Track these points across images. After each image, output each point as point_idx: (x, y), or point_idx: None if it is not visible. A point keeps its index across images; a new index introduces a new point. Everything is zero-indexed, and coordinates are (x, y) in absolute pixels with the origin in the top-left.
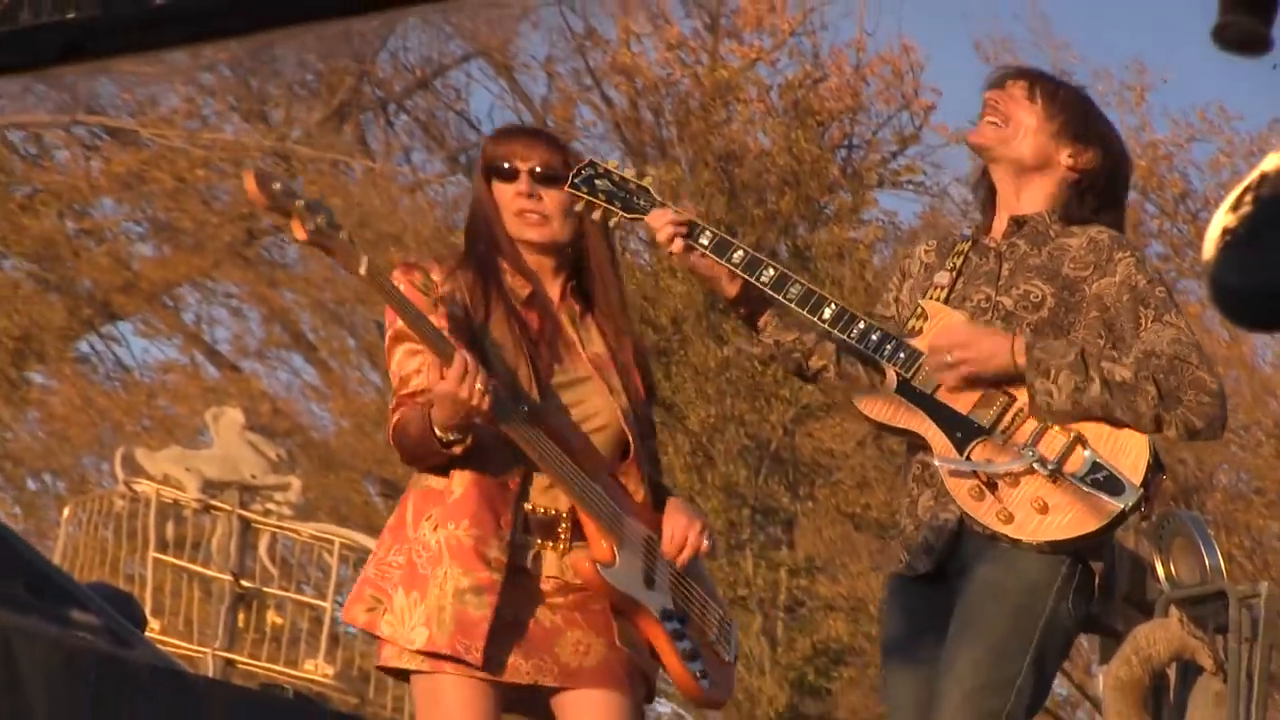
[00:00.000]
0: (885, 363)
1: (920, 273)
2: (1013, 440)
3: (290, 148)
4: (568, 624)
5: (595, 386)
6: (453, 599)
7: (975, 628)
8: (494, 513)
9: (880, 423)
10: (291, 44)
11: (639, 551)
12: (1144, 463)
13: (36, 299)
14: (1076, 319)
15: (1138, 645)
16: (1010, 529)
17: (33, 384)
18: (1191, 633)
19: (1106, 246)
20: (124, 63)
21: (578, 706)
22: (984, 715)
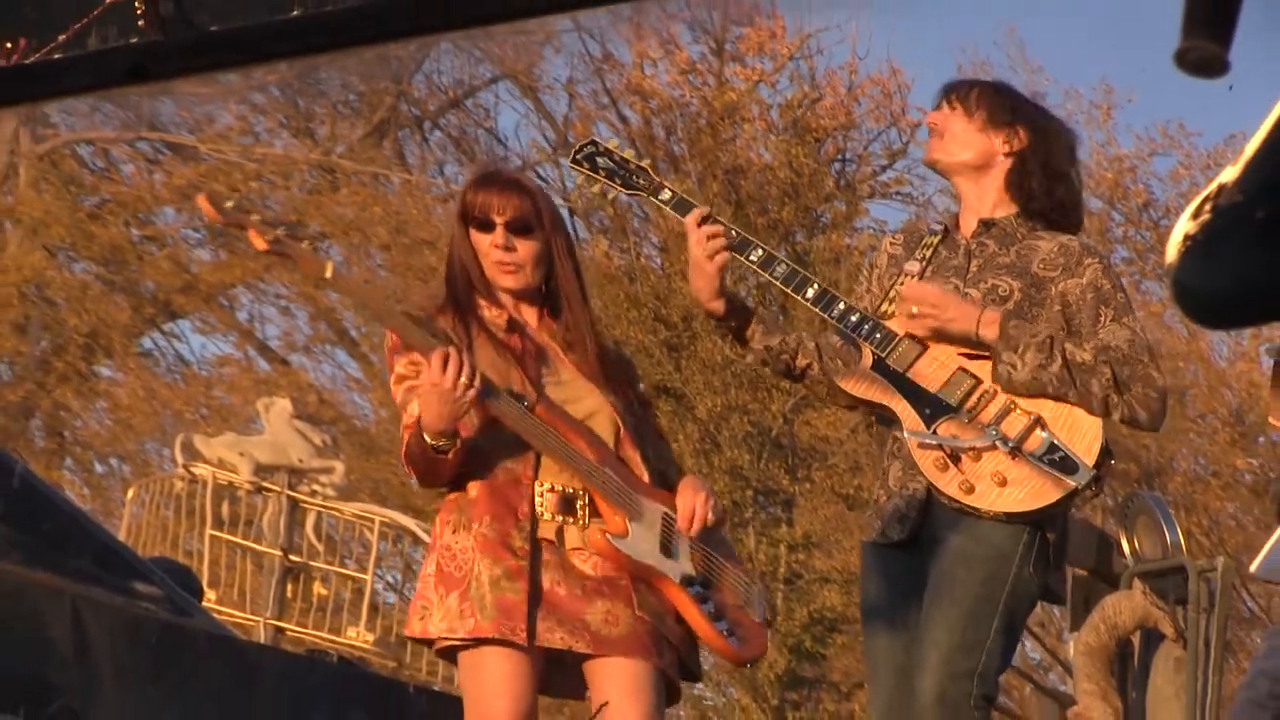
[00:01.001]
0: (862, 341)
1: (887, 264)
2: (977, 419)
3: (334, 161)
4: (596, 594)
5: (584, 385)
6: (490, 588)
7: (948, 594)
8: (510, 506)
9: (856, 397)
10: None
11: (655, 525)
12: (1097, 447)
13: (104, 299)
14: (1040, 312)
15: (1105, 615)
16: (971, 499)
17: (100, 377)
18: (1154, 603)
19: (1077, 252)
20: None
21: (607, 673)
22: (959, 674)
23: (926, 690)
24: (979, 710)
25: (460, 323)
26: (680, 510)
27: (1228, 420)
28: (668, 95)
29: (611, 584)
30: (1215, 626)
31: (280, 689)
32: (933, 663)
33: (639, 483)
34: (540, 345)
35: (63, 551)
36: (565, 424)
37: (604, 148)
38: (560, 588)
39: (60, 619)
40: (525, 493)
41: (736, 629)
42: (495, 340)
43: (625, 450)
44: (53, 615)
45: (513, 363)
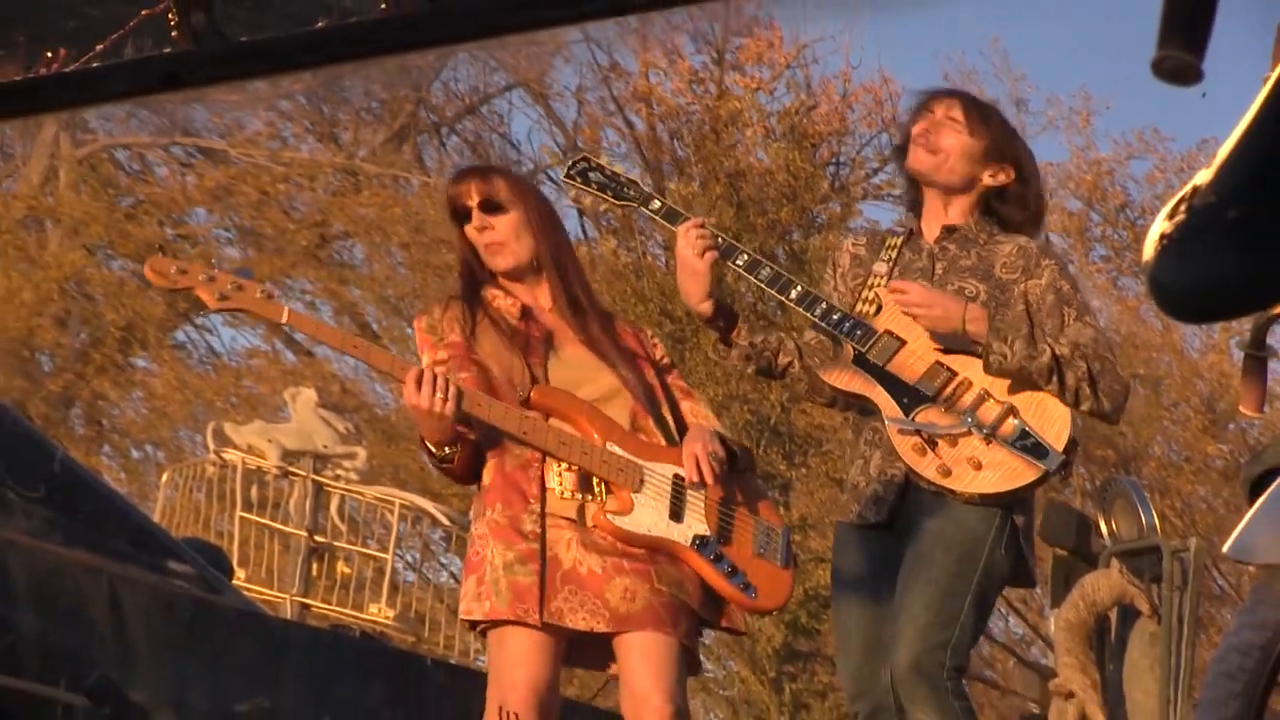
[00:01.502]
0: (844, 338)
1: (850, 264)
2: (953, 408)
3: (357, 164)
4: (616, 571)
5: (589, 360)
6: (504, 572)
7: (924, 572)
8: (520, 491)
9: (838, 389)
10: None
11: (664, 491)
12: (1066, 434)
13: (140, 294)
14: (1005, 312)
15: (1084, 592)
16: (948, 481)
17: (136, 368)
18: (1131, 581)
19: (1035, 254)
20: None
21: (627, 647)
22: (934, 646)
23: (903, 661)
24: (951, 680)
25: (467, 313)
26: (686, 468)
27: (1199, 409)
28: (672, 102)
29: (631, 558)
30: (1188, 603)
31: (306, 662)
32: (909, 636)
33: (650, 449)
34: (549, 328)
35: (101, 532)
36: (567, 407)
37: (595, 163)
38: (582, 566)
39: (98, 596)
40: (534, 475)
41: (752, 580)
42: (500, 329)
43: (641, 420)
44: (91, 593)
45: (516, 352)
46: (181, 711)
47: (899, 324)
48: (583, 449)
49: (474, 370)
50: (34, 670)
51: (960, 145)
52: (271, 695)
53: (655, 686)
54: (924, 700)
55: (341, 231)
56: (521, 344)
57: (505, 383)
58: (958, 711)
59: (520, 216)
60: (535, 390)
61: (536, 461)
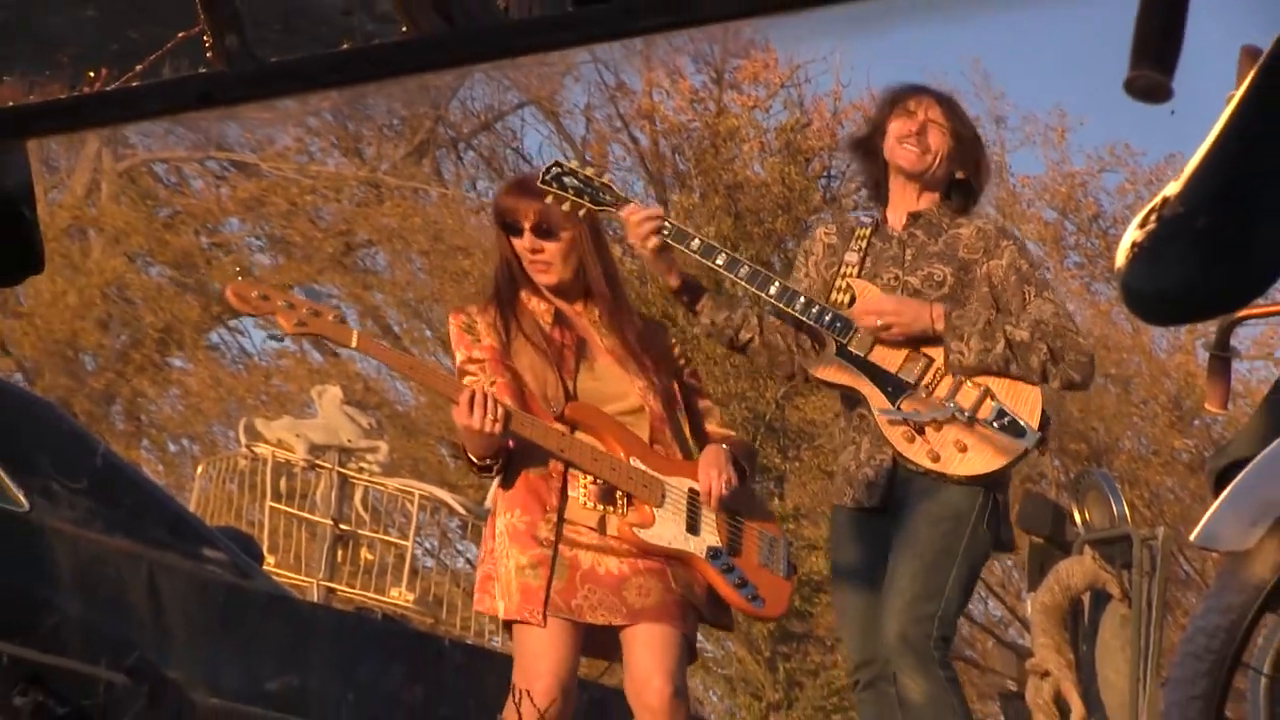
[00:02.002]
0: (824, 331)
1: (824, 252)
2: (934, 394)
3: (380, 177)
4: (633, 572)
5: (616, 374)
6: (515, 575)
7: (912, 548)
8: (540, 500)
9: (826, 381)
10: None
11: (681, 505)
12: (1039, 412)
13: (176, 299)
14: (971, 293)
15: (1059, 577)
16: (939, 465)
17: (173, 367)
18: (1103, 567)
19: (994, 236)
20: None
21: (637, 638)
22: (921, 617)
23: (892, 632)
24: (938, 649)
25: (501, 322)
26: (701, 487)
27: (1167, 406)
28: (674, 119)
29: (648, 560)
30: (1156, 588)
31: (331, 643)
32: (897, 607)
33: (669, 464)
34: (580, 336)
35: (140, 522)
36: (596, 423)
37: (568, 167)
38: (601, 567)
39: (138, 581)
40: (555, 485)
41: (760, 591)
42: (534, 341)
43: (658, 434)
44: (131, 578)
45: (550, 364)
46: (215, 689)
47: None
48: (611, 465)
49: (508, 377)
50: (77, 650)
51: (947, 146)
52: (300, 674)
53: (657, 669)
54: (911, 668)
55: (365, 240)
56: (556, 356)
57: (540, 395)
58: (942, 679)
59: (571, 240)
60: (569, 408)
61: (559, 473)
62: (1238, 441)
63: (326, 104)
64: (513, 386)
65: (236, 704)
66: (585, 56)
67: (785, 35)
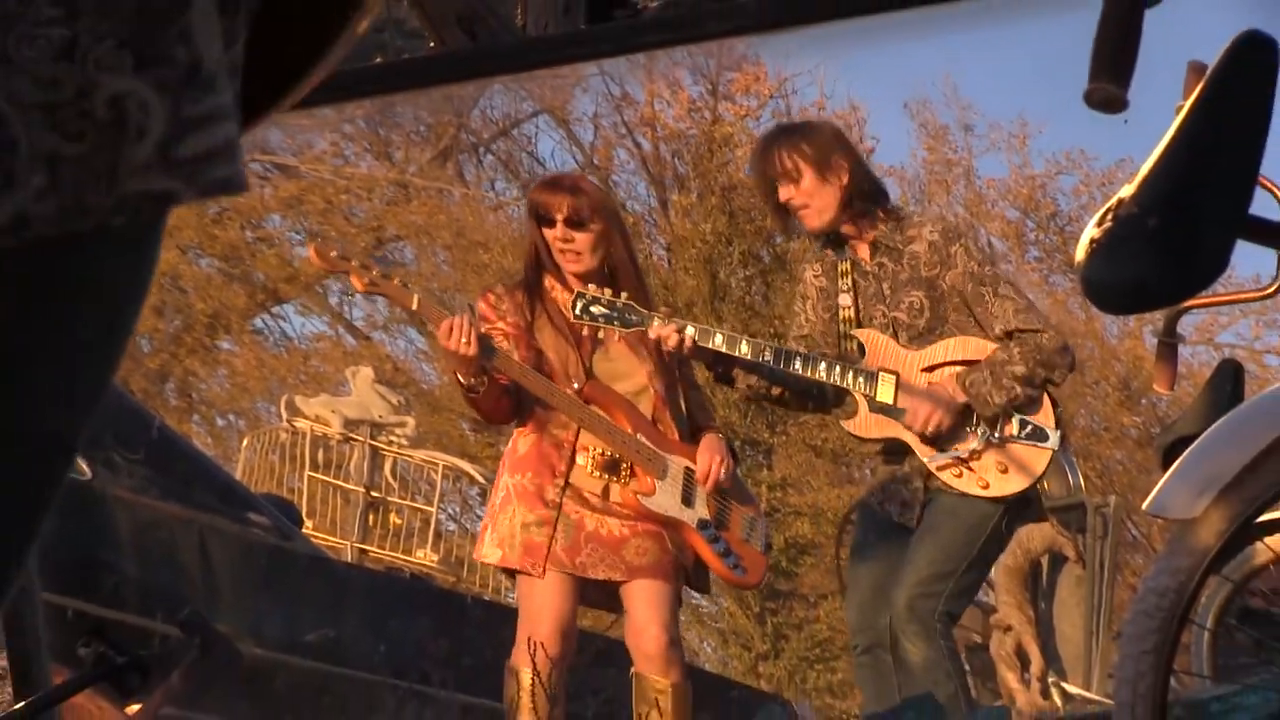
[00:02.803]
0: (852, 390)
1: (817, 295)
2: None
3: (408, 178)
4: (632, 534)
5: (628, 357)
6: (520, 531)
7: (932, 536)
8: (550, 466)
9: (867, 438)
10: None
11: (679, 479)
12: (1053, 413)
13: (224, 287)
14: (946, 308)
15: (1020, 541)
16: (990, 492)
17: (221, 349)
18: (1060, 532)
19: (942, 246)
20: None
21: (635, 591)
22: (930, 594)
23: (901, 602)
24: (942, 623)
25: (528, 304)
26: (699, 469)
27: (1117, 386)
28: (674, 127)
29: (646, 525)
30: (1108, 551)
31: (365, 600)
32: (910, 582)
33: (669, 442)
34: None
35: (191, 489)
36: (609, 400)
37: (591, 296)
38: (604, 529)
39: (189, 543)
40: (565, 454)
41: (741, 562)
42: (557, 323)
43: (660, 414)
44: (183, 540)
45: (571, 345)
46: (259, 641)
47: (885, 358)
48: (622, 439)
49: (531, 353)
50: (134, 606)
51: (830, 183)
52: (335, 627)
53: (653, 620)
54: (915, 635)
55: (394, 235)
56: (575, 338)
57: (560, 372)
58: (943, 648)
59: (599, 231)
60: (588, 386)
61: (569, 444)
62: (1184, 420)
63: (360, 112)
64: (534, 362)
65: (278, 654)
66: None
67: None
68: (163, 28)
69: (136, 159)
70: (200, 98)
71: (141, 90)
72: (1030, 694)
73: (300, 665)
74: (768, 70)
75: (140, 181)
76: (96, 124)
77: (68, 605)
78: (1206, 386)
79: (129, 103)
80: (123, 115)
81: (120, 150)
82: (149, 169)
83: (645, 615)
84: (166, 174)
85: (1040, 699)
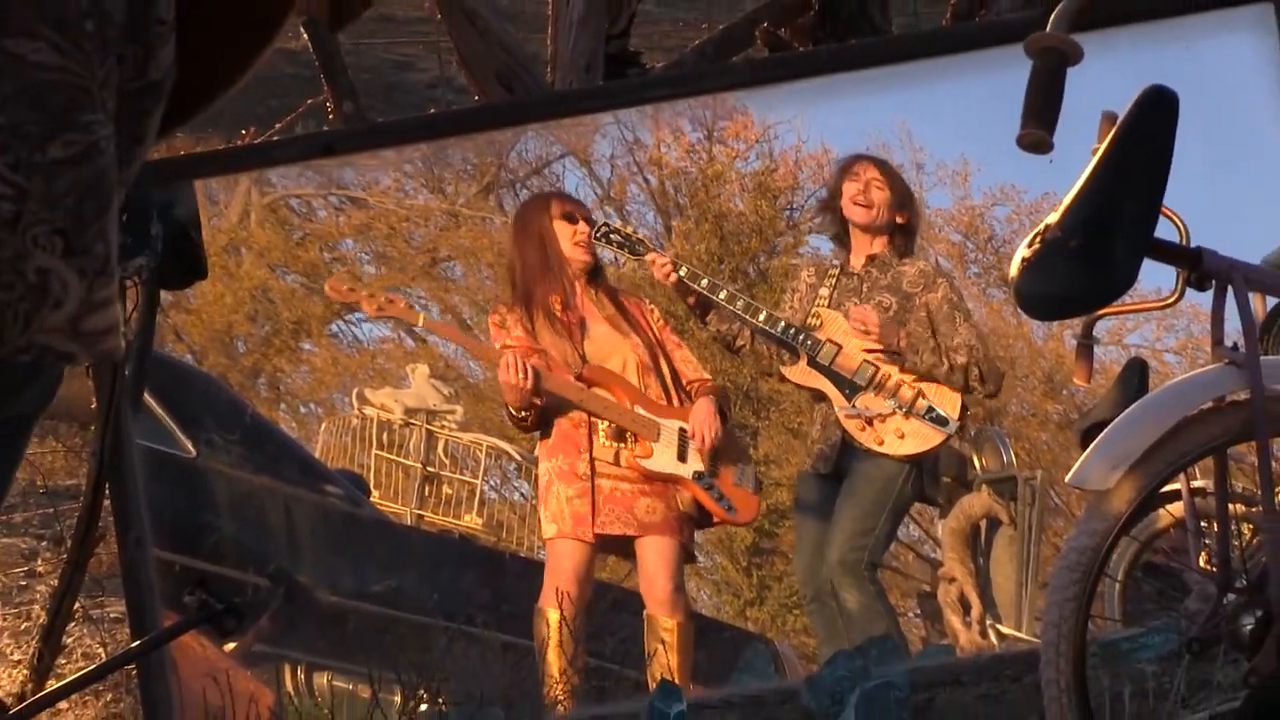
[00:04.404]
0: (799, 346)
1: (805, 290)
2: (880, 393)
3: (457, 209)
4: (642, 494)
5: (610, 335)
6: (566, 504)
7: (852, 499)
8: (574, 444)
9: (799, 384)
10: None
11: (673, 440)
12: (958, 407)
13: (305, 299)
14: (910, 317)
15: (963, 507)
16: (884, 449)
17: (303, 350)
18: (995, 500)
19: (931, 274)
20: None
21: (647, 546)
22: (856, 547)
23: (834, 557)
24: (868, 570)
25: (527, 316)
26: (691, 430)
27: (1042, 380)
28: (676, 166)
29: (654, 486)
30: (1035, 516)
31: (421, 556)
32: (839, 541)
33: (660, 407)
34: (581, 315)
35: (278, 464)
36: (605, 378)
37: (613, 227)
38: (618, 491)
39: (276, 510)
40: (583, 432)
41: (733, 503)
42: (551, 324)
43: (648, 381)
44: (271, 507)
45: (564, 338)
46: (333, 590)
47: (836, 334)
48: (619, 411)
49: (537, 355)
50: (231, 560)
51: (886, 199)
52: (397, 578)
53: (662, 570)
54: (849, 585)
55: (446, 256)
56: (567, 332)
57: (561, 363)
58: (873, 593)
59: None
60: (585, 370)
61: (584, 422)
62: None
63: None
64: (541, 361)
65: (349, 601)
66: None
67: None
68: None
69: (50, 322)
70: (105, 285)
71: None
72: (971, 634)
73: (368, 610)
74: (754, 119)
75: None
76: (26, 283)
77: (175, 561)
78: (1117, 380)
79: (53, 278)
80: (46, 284)
81: (40, 310)
82: (59, 333)
83: (655, 566)
84: (73, 341)
85: (979, 638)
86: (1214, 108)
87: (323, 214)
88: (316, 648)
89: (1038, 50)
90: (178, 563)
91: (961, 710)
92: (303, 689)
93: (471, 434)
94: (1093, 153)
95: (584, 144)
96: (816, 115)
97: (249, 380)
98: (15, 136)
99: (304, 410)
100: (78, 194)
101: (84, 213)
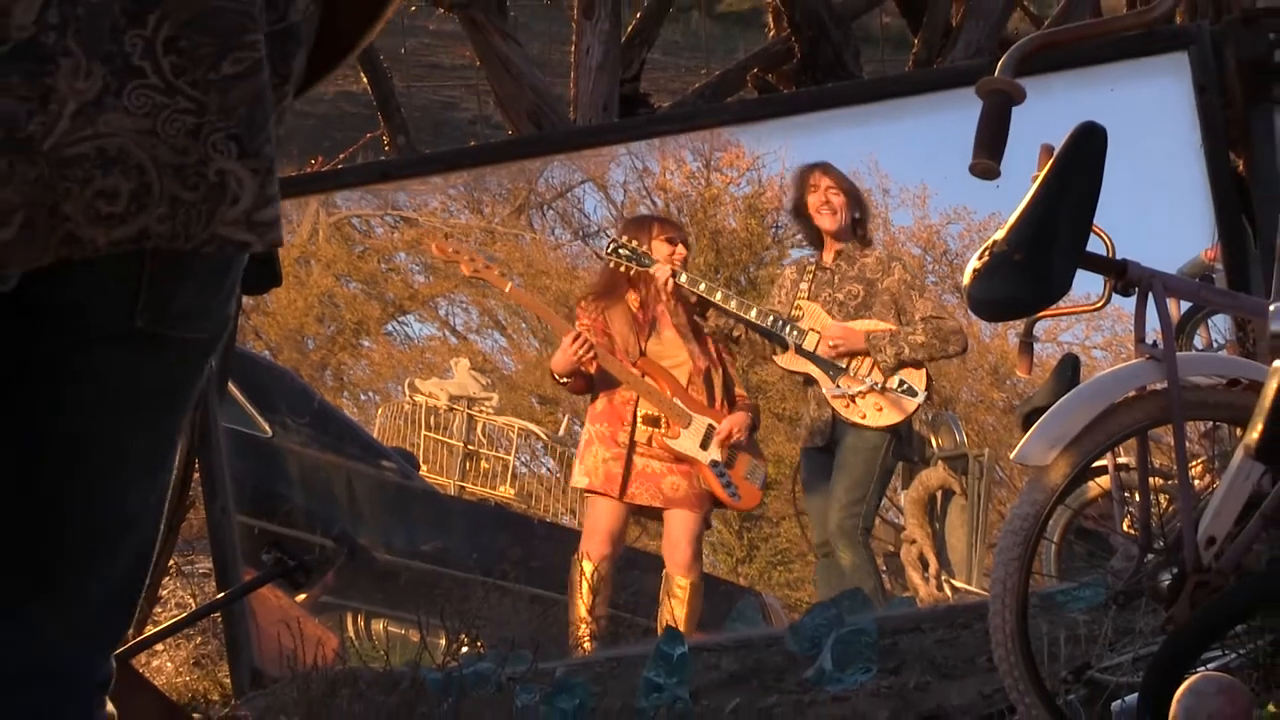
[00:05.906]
0: (785, 335)
1: (790, 285)
2: (859, 374)
3: (493, 227)
4: (669, 471)
5: (675, 340)
6: (602, 464)
7: (846, 471)
8: (619, 417)
9: (790, 370)
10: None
11: (700, 431)
12: (925, 381)
13: (365, 303)
14: (875, 302)
15: (922, 480)
16: (865, 421)
17: (363, 347)
18: (949, 474)
19: (887, 261)
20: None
21: (671, 517)
22: (852, 514)
23: (832, 523)
24: (862, 535)
25: (602, 305)
26: (722, 429)
27: (989, 371)
28: (678, 190)
29: (681, 465)
30: (984, 487)
31: (462, 521)
32: (835, 509)
33: (697, 404)
34: (655, 316)
35: (341, 443)
36: (655, 371)
37: (622, 241)
38: (649, 468)
39: (340, 482)
40: (629, 410)
41: (738, 491)
42: (625, 317)
43: (695, 382)
44: (335, 480)
45: (632, 332)
46: (389, 550)
47: (818, 324)
48: (659, 398)
49: (604, 339)
50: (301, 524)
51: (843, 202)
52: (443, 540)
53: (683, 537)
54: (845, 546)
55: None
56: (636, 327)
57: (622, 350)
58: (864, 554)
59: None
60: (640, 360)
61: (630, 401)
62: (1037, 395)
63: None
64: (605, 344)
65: (402, 559)
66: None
67: (750, 137)
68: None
69: (229, 216)
70: (273, 182)
71: (240, 171)
72: (929, 588)
73: (418, 567)
74: (745, 150)
75: (229, 230)
76: (207, 184)
77: (254, 524)
78: (1053, 372)
79: (230, 178)
80: (224, 184)
81: (219, 206)
82: (237, 224)
83: (679, 534)
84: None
85: (936, 591)
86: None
87: (380, 231)
88: (374, 599)
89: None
90: (256, 526)
91: (921, 653)
92: (362, 634)
93: (505, 417)
94: (1033, 179)
95: (601, 171)
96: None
97: (317, 372)
98: (192, 59)
99: (363, 398)
100: (248, 104)
101: (254, 119)
